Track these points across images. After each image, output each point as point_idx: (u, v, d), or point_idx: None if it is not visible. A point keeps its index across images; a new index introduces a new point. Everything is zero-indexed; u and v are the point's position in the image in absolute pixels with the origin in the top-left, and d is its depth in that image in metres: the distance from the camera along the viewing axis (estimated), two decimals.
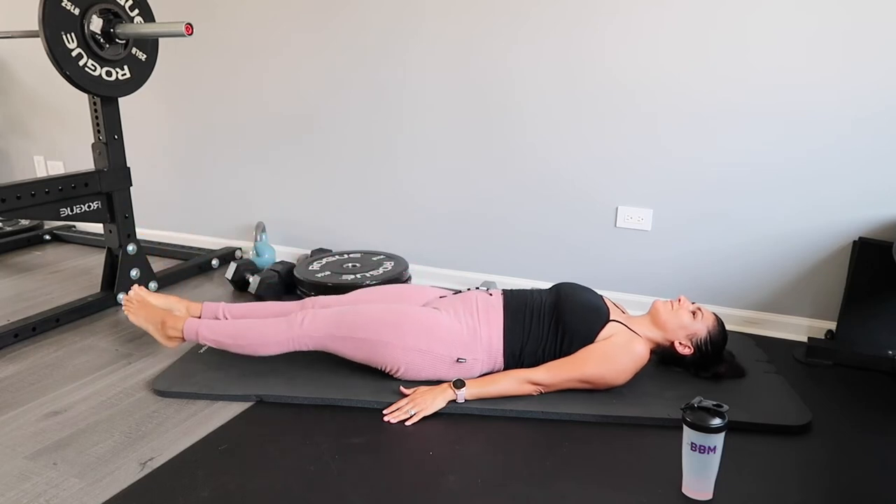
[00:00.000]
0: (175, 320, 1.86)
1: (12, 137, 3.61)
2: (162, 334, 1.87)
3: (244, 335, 1.79)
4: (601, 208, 2.35)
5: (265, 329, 1.79)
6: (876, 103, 1.94)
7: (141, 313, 1.90)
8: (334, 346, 1.76)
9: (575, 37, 2.23)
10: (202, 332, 1.82)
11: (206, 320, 1.87)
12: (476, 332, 1.73)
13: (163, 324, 1.86)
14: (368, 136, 2.66)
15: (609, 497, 1.35)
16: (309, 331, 1.75)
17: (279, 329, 1.77)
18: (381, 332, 1.72)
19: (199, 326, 1.83)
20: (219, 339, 1.81)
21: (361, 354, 1.76)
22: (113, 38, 2.23)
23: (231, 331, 1.81)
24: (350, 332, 1.74)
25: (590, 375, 1.68)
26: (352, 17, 2.56)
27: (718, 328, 1.78)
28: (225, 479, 1.40)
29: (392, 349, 1.71)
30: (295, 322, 1.77)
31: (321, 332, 1.75)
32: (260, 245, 2.82)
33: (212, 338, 1.81)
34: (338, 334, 1.74)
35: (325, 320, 1.76)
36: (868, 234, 2.03)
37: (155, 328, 1.88)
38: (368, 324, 1.73)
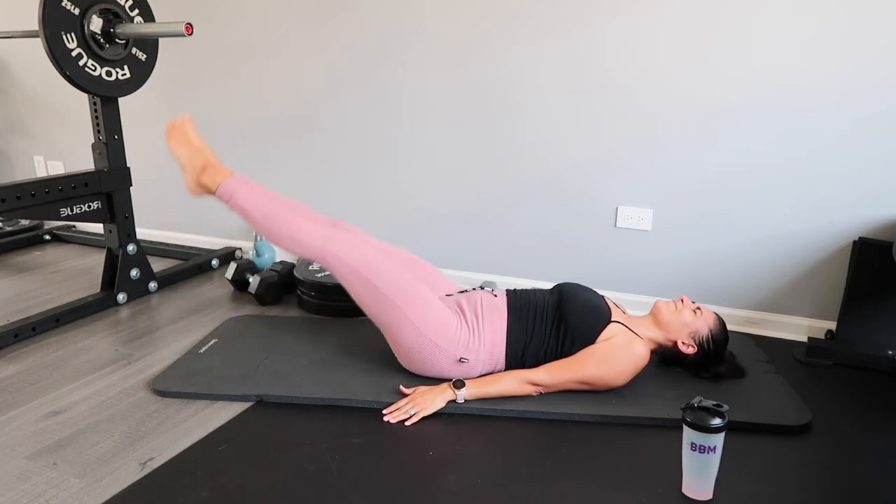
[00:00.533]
0: (216, 172, 1.75)
1: (12, 137, 3.61)
2: (195, 178, 1.76)
3: (279, 222, 1.73)
4: (601, 208, 2.35)
5: (301, 226, 1.73)
6: (876, 103, 1.94)
7: (184, 144, 1.78)
8: (353, 281, 1.72)
9: (575, 37, 2.23)
10: (238, 197, 1.73)
11: (246, 188, 1.77)
12: (479, 334, 1.73)
13: (204, 168, 1.76)
14: (368, 136, 2.66)
15: (609, 497, 1.35)
16: (341, 252, 1.71)
17: (314, 233, 1.72)
18: (405, 300, 1.70)
19: (239, 191, 1.73)
20: (251, 212, 1.73)
21: (374, 308, 1.73)
22: (113, 38, 2.23)
23: (267, 210, 1.74)
24: (378, 281, 1.70)
25: (590, 376, 1.68)
26: (352, 17, 2.56)
27: (720, 327, 1.78)
28: (225, 479, 1.40)
29: (407, 325, 1.70)
30: (333, 237, 1.72)
31: (351, 263, 1.70)
32: (260, 245, 2.82)
33: (246, 206, 1.73)
34: (365, 275, 1.70)
35: (362, 255, 1.72)
36: (868, 234, 2.03)
37: (192, 168, 1.76)
38: (399, 288, 1.71)
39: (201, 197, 1.80)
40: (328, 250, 1.72)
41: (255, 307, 2.41)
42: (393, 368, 1.85)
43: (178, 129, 1.81)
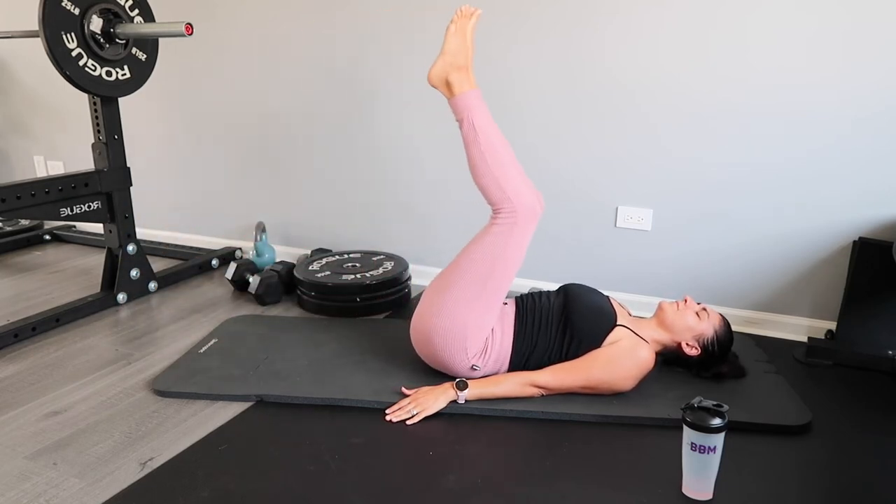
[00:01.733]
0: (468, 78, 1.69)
1: (12, 137, 3.61)
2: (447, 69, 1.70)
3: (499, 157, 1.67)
4: (601, 208, 2.35)
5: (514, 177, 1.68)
6: (876, 103, 1.94)
7: (460, 37, 1.71)
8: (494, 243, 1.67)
9: (574, 37, 2.23)
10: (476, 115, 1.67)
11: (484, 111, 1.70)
12: (488, 344, 1.72)
13: (460, 68, 1.69)
14: (368, 135, 2.66)
15: (609, 497, 1.35)
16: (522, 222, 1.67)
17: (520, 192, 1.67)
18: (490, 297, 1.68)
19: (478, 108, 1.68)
20: (479, 134, 1.66)
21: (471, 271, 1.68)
22: (113, 38, 2.23)
23: (494, 142, 1.67)
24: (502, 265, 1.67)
25: (594, 381, 1.67)
26: (352, 17, 2.56)
27: (725, 328, 1.77)
28: (225, 479, 1.40)
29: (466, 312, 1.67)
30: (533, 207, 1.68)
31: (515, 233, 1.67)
32: (260, 245, 2.82)
33: (478, 126, 1.66)
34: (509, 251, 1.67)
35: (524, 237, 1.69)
36: (868, 234, 2.03)
37: (452, 60, 1.69)
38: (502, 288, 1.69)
39: (434, 88, 1.72)
40: (515, 209, 1.66)
41: (255, 307, 2.41)
42: (393, 368, 1.85)
43: (466, 18, 1.73)
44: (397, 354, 1.92)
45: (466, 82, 1.70)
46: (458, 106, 1.70)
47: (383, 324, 2.25)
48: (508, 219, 1.67)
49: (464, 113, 1.69)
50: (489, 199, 1.70)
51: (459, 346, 1.69)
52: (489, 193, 1.70)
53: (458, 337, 1.69)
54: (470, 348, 1.70)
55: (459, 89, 1.69)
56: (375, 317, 2.32)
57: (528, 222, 1.68)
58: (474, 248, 1.71)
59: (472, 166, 1.70)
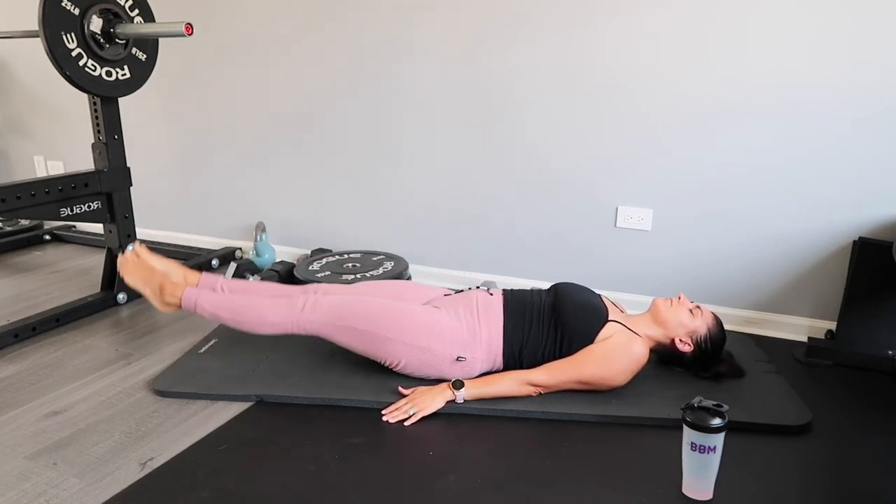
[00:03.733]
0: (174, 287, 1.82)
1: (12, 137, 3.61)
2: (159, 299, 1.83)
3: (244, 312, 1.78)
4: (601, 208, 2.35)
5: (266, 309, 1.77)
6: (876, 103, 1.94)
7: (138, 274, 1.85)
8: (334, 334, 1.76)
9: (575, 37, 2.23)
10: (201, 303, 1.79)
11: (206, 291, 1.84)
12: (476, 332, 1.73)
13: (161, 288, 1.82)
14: (368, 136, 2.66)
15: (609, 497, 1.35)
16: (310, 316, 1.74)
17: (280, 310, 1.76)
18: (383, 326, 1.72)
19: (199, 297, 1.80)
20: (217, 313, 1.79)
21: (361, 346, 1.76)
22: (113, 38, 2.23)
23: (231, 305, 1.79)
24: (352, 322, 1.73)
25: (589, 377, 1.68)
26: (352, 17, 2.56)
27: (717, 326, 1.78)
28: (225, 479, 1.40)
29: (393, 344, 1.72)
30: (297, 306, 1.76)
31: (322, 320, 1.74)
32: (260, 245, 2.82)
33: (210, 310, 1.79)
34: (339, 324, 1.74)
35: (328, 308, 1.75)
36: (868, 234, 2.03)
37: (152, 292, 1.83)
38: (371, 317, 1.73)
39: (176, 311, 1.85)
40: (298, 321, 1.75)
41: None
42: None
43: (129, 262, 1.88)
44: None
45: (177, 289, 1.82)
46: (188, 310, 1.81)
47: None
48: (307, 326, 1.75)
49: (195, 310, 1.80)
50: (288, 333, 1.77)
51: (426, 353, 1.71)
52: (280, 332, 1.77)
53: (417, 353, 1.71)
54: (436, 346, 1.70)
55: (177, 300, 1.81)
56: None
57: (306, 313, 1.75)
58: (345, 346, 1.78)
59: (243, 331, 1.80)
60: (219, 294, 1.84)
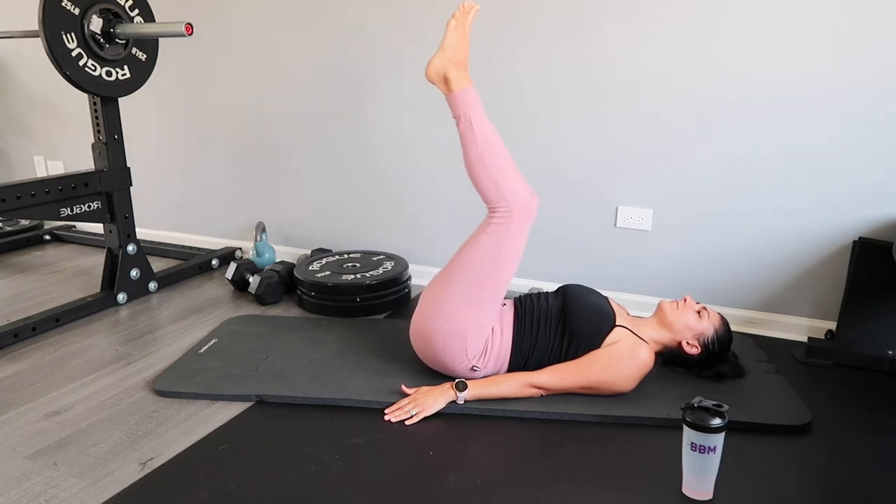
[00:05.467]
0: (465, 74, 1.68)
1: (12, 137, 3.61)
2: (445, 65, 1.68)
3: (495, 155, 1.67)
4: (601, 208, 2.35)
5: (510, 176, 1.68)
6: (876, 103, 1.94)
7: (461, 32, 1.70)
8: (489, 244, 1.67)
9: (575, 37, 2.23)
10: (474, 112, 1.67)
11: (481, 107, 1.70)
12: (488, 345, 1.73)
13: (458, 64, 1.68)
14: (369, 135, 2.66)
15: (609, 497, 1.35)
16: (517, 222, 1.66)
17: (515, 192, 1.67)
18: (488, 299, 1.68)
19: (475, 105, 1.68)
20: (476, 131, 1.66)
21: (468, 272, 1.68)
22: (113, 38, 2.23)
23: (491, 139, 1.68)
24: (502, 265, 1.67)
25: (594, 382, 1.67)
26: (353, 17, 2.56)
27: (724, 327, 1.77)
28: (225, 479, 1.40)
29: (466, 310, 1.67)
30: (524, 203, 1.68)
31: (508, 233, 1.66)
32: (260, 245, 2.82)
33: (475, 122, 1.66)
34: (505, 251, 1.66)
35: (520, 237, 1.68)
36: (868, 234, 2.03)
37: (453, 55, 1.68)
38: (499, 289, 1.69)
39: (431, 84, 1.71)
40: (510, 207, 1.65)
41: (255, 307, 2.41)
42: (393, 368, 1.85)
43: (467, 14, 1.71)
44: (397, 354, 1.93)
45: (464, 79, 1.69)
46: (457, 102, 1.69)
47: (383, 324, 2.25)
48: (504, 217, 1.67)
49: (461, 109, 1.68)
50: (485, 198, 1.70)
51: (459, 347, 1.69)
52: (485, 191, 1.69)
53: (457, 339, 1.69)
54: (470, 349, 1.70)
55: (457, 85, 1.69)
56: (375, 317, 2.32)
57: (523, 221, 1.68)
58: (470, 249, 1.71)
59: (469, 164, 1.70)
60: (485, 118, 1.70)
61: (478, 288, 1.68)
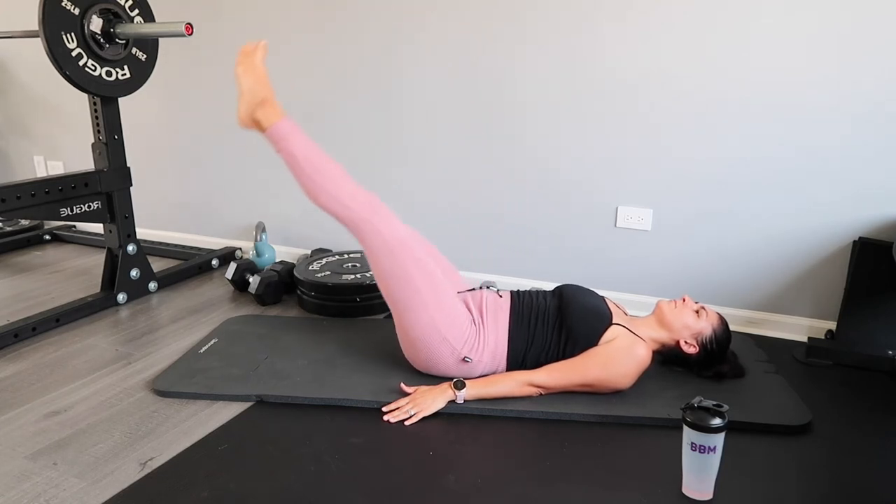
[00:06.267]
0: (274, 110, 1.70)
1: (12, 137, 3.61)
2: (251, 110, 1.71)
3: (325, 174, 1.69)
4: (601, 208, 2.35)
5: (346, 187, 1.70)
6: (876, 102, 1.94)
7: (251, 73, 1.73)
8: (383, 257, 1.68)
9: (576, 37, 2.23)
10: (291, 143, 1.68)
11: (298, 134, 1.71)
12: (482, 334, 1.73)
13: (262, 102, 1.71)
14: (369, 135, 2.66)
15: (609, 497, 1.35)
16: (380, 223, 1.67)
17: (357, 198, 1.69)
18: (427, 290, 1.68)
19: (291, 135, 1.68)
20: (299, 159, 1.68)
21: (396, 289, 1.69)
22: (113, 38, 2.23)
23: (316, 161, 1.69)
24: (408, 263, 1.67)
25: (592, 379, 1.67)
26: (353, 17, 2.56)
27: (723, 327, 1.78)
28: (225, 479, 1.40)
29: (423, 313, 1.69)
30: (374, 206, 1.69)
31: (388, 236, 1.67)
32: (260, 245, 2.82)
33: (295, 152, 1.68)
34: (398, 253, 1.67)
35: (399, 232, 1.69)
36: (868, 234, 2.03)
37: (252, 99, 1.71)
38: (425, 273, 1.69)
39: (248, 129, 1.73)
40: (366, 219, 1.67)
41: (255, 307, 2.41)
42: (393, 368, 1.85)
43: (251, 55, 1.73)
44: (397, 354, 1.92)
45: (273, 115, 1.71)
46: (272, 140, 1.71)
47: (383, 324, 2.25)
48: (364, 228, 1.69)
49: (279, 145, 1.70)
50: (338, 219, 1.71)
51: (440, 342, 1.70)
52: (334, 212, 1.71)
53: (434, 336, 1.70)
54: (452, 340, 1.70)
55: (268, 123, 1.71)
56: (375, 317, 2.32)
57: (378, 216, 1.69)
58: (377, 273, 1.73)
59: (306, 191, 1.72)
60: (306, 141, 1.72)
61: (414, 292, 1.68)
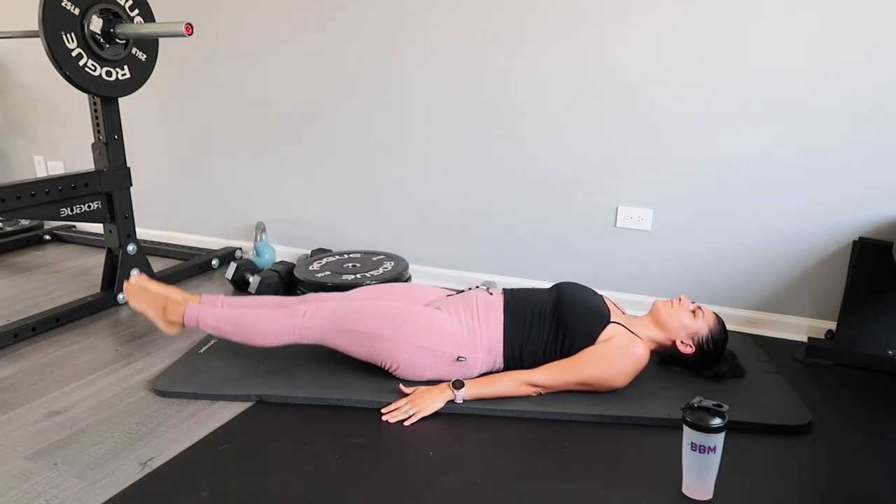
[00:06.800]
0: (176, 305, 1.85)
1: (12, 137, 3.61)
2: (163, 319, 1.86)
3: (245, 323, 1.80)
4: (601, 208, 2.35)
5: (267, 319, 1.79)
6: (876, 102, 1.94)
7: (142, 297, 1.89)
8: (334, 339, 1.76)
9: (576, 37, 2.23)
10: (203, 318, 1.82)
11: (207, 307, 1.86)
12: (476, 332, 1.73)
13: (164, 308, 1.85)
14: (369, 135, 2.66)
15: (609, 497, 1.35)
16: (310, 323, 1.76)
17: (281, 320, 1.78)
18: (380, 326, 1.72)
19: (200, 312, 1.82)
20: (220, 326, 1.81)
21: (361, 349, 1.76)
22: (113, 38, 2.23)
23: (232, 318, 1.81)
24: (350, 325, 1.74)
25: (589, 378, 1.68)
26: (353, 17, 2.56)
27: (720, 327, 1.78)
28: (225, 479, 1.40)
29: (391, 344, 1.71)
30: (297, 314, 1.77)
31: (322, 325, 1.75)
32: (260, 245, 2.82)
33: (213, 323, 1.81)
34: (338, 327, 1.75)
35: (326, 314, 1.76)
36: (868, 234, 2.03)
37: (156, 313, 1.86)
38: (368, 318, 1.74)
39: (180, 332, 1.88)
40: (298, 329, 1.76)
41: None
42: None
43: (134, 287, 1.91)
44: None
45: (179, 307, 1.85)
46: (191, 326, 1.84)
47: None
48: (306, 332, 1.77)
49: (199, 326, 1.83)
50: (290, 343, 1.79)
51: (427, 352, 1.71)
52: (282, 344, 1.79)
53: (419, 352, 1.71)
54: (436, 345, 1.70)
55: (179, 318, 1.84)
56: None
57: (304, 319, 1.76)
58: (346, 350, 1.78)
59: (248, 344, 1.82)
60: (220, 308, 1.87)
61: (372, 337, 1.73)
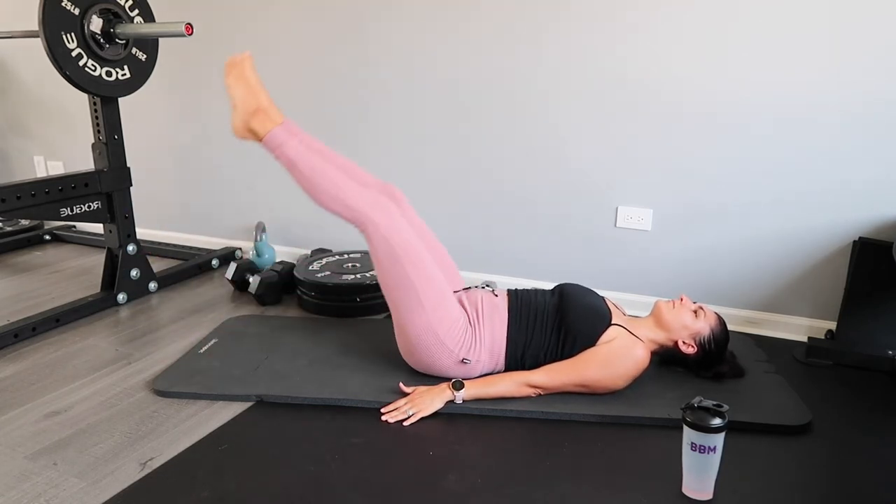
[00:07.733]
0: (267, 119, 1.69)
1: (12, 137, 3.61)
2: (245, 120, 1.70)
3: (325, 177, 1.69)
4: (601, 208, 2.35)
5: (348, 187, 1.69)
6: (876, 103, 1.94)
7: (239, 83, 1.71)
8: (383, 255, 1.68)
9: (576, 37, 2.23)
10: (287, 148, 1.68)
11: (294, 140, 1.71)
12: (479, 334, 1.73)
13: (255, 112, 1.70)
14: (368, 135, 2.66)
15: (609, 497, 1.35)
16: (382, 222, 1.67)
17: (360, 197, 1.68)
18: (425, 291, 1.68)
19: (287, 142, 1.68)
20: (297, 164, 1.68)
21: (394, 287, 1.70)
22: (113, 38, 2.23)
23: (314, 164, 1.69)
24: (407, 263, 1.67)
25: (589, 379, 1.67)
26: (353, 16, 2.56)
27: (721, 327, 1.78)
28: (225, 479, 1.40)
29: (420, 315, 1.69)
30: (378, 204, 1.69)
31: (389, 234, 1.67)
32: (260, 245, 2.82)
33: (293, 158, 1.68)
34: (399, 252, 1.67)
35: (402, 231, 1.68)
36: (868, 234, 2.03)
37: (244, 109, 1.70)
38: (424, 276, 1.69)
39: (245, 140, 1.72)
40: (370, 217, 1.67)
41: (255, 307, 2.41)
42: (393, 368, 1.85)
43: (238, 65, 1.73)
44: (397, 354, 1.92)
45: (268, 122, 1.71)
46: (268, 147, 1.71)
47: (383, 324, 2.25)
48: (371, 228, 1.69)
49: (275, 151, 1.71)
50: (345, 219, 1.71)
51: (437, 344, 1.70)
52: (336, 212, 1.71)
53: (431, 338, 1.70)
54: (448, 342, 1.70)
55: (263, 132, 1.71)
56: (375, 317, 2.32)
57: (388, 217, 1.69)
58: (379, 271, 1.73)
59: (310, 195, 1.72)
60: (304, 149, 1.71)
61: (412, 291, 1.69)
